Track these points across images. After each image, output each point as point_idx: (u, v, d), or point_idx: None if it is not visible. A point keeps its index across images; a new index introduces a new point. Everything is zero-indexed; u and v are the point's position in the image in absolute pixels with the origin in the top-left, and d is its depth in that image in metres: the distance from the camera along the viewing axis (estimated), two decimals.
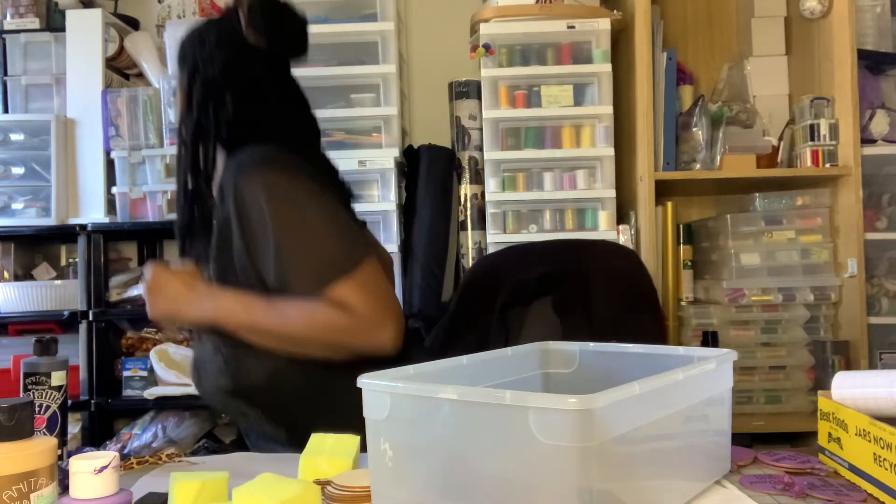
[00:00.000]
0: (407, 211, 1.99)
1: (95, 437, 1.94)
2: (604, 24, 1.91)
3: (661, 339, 1.26)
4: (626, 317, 1.23)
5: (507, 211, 1.92)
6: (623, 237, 1.89)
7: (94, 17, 2.01)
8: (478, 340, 1.14)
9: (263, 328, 1.04)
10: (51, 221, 1.97)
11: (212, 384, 1.12)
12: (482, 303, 1.34)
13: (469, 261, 1.98)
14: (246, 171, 1.04)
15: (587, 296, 1.26)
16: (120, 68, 2.13)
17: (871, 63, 2.00)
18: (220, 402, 1.17)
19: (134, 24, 2.21)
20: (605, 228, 1.89)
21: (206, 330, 1.12)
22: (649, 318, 1.25)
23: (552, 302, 1.30)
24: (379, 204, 1.92)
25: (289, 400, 1.09)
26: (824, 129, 1.88)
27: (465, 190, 2.00)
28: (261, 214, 1.02)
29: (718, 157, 1.91)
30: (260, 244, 1.03)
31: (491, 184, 1.91)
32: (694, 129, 1.92)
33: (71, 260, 2.23)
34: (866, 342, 1.85)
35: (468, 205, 2.00)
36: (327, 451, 0.84)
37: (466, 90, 2.01)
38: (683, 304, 2.00)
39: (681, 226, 2.06)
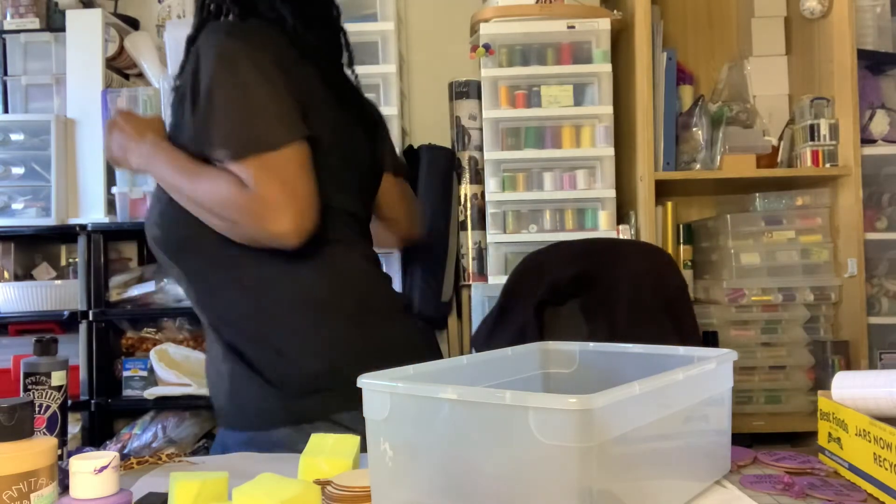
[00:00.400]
0: None
1: (95, 437, 1.94)
2: (604, 24, 1.91)
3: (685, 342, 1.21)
4: (645, 323, 1.22)
5: (507, 211, 1.92)
6: (623, 237, 1.89)
7: (94, 17, 2.01)
8: (515, 336, 1.13)
9: (182, 191, 1.04)
10: (51, 221, 1.97)
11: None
12: (523, 298, 1.34)
13: (469, 261, 1.99)
14: (210, 37, 1.05)
15: (611, 300, 1.26)
16: (120, 68, 2.13)
17: (871, 63, 2.00)
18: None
19: (134, 24, 2.20)
20: (605, 228, 1.89)
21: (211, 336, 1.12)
22: (671, 325, 1.23)
23: (580, 304, 1.30)
24: None
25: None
26: (824, 129, 1.88)
27: (465, 190, 2.00)
28: (206, 79, 1.02)
29: (718, 157, 1.91)
30: (196, 107, 1.03)
31: (491, 184, 1.91)
32: (694, 129, 1.92)
33: (71, 260, 2.23)
34: (866, 342, 1.85)
35: (468, 205, 2.00)
36: (327, 451, 0.84)
37: (466, 90, 2.01)
38: None
39: (681, 226, 2.06)
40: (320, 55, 1.16)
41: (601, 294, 1.27)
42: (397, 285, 1.91)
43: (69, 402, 1.01)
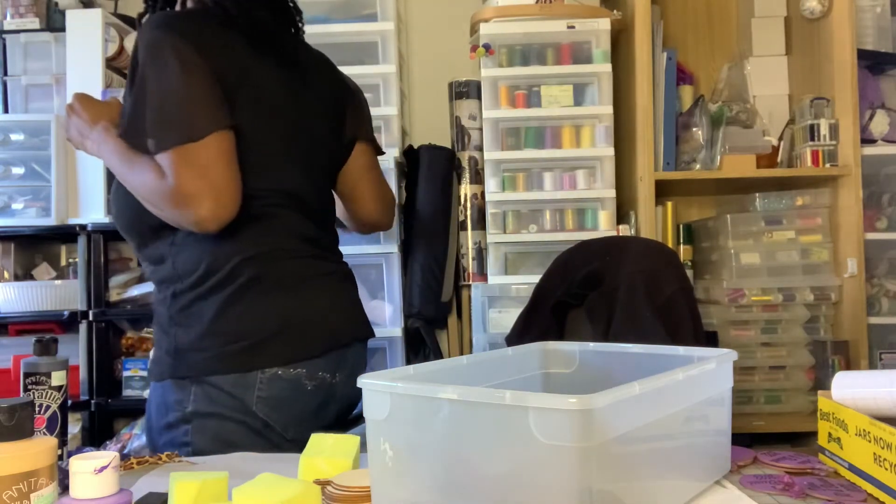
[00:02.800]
0: (407, 211, 1.99)
1: (95, 437, 1.94)
2: (604, 24, 1.91)
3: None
4: (637, 324, 1.22)
5: (507, 211, 1.92)
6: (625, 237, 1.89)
7: (94, 17, 2.01)
8: (540, 337, 1.14)
9: (123, 178, 1.11)
10: (51, 221, 1.97)
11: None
12: (547, 297, 1.34)
13: (469, 261, 1.99)
14: (143, 29, 1.10)
15: (611, 300, 1.25)
16: (120, 68, 2.13)
17: (871, 63, 2.00)
18: None
19: (134, 24, 2.20)
20: (605, 228, 1.89)
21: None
22: (662, 326, 1.23)
23: (585, 305, 1.30)
24: None
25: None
26: (824, 129, 1.88)
27: (465, 190, 2.00)
28: (137, 71, 1.07)
29: (718, 157, 1.91)
30: (128, 99, 1.09)
31: (491, 184, 1.91)
32: (694, 129, 1.92)
33: (71, 260, 2.23)
34: (866, 342, 1.85)
35: (468, 205, 2.00)
36: (327, 451, 0.85)
37: (466, 90, 2.01)
38: None
39: (681, 226, 2.06)
40: (263, 34, 1.18)
41: (603, 294, 1.27)
42: (397, 285, 1.91)
43: (69, 402, 1.01)
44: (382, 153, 1.45)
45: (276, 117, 1.17)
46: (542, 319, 1.32)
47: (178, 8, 1.23)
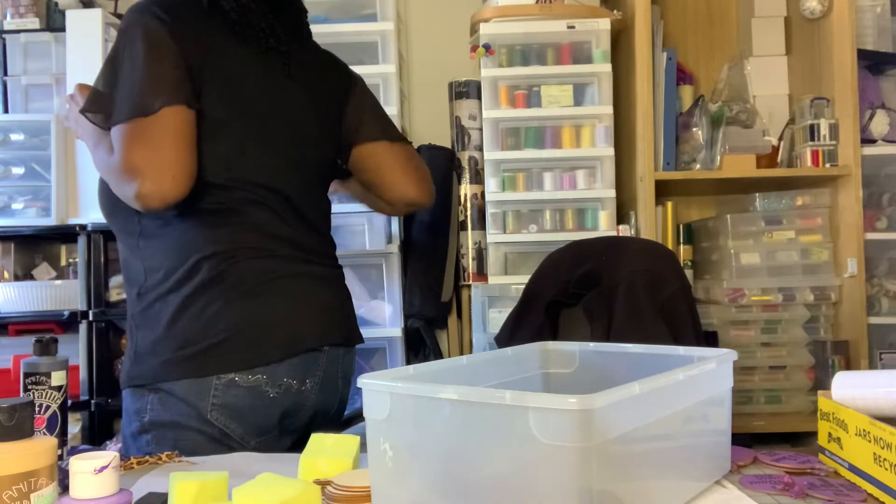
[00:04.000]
0: None
1: (95, 437, 1.94)
2: (604, 24, 1.91)
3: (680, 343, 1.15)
4: (638, 323, 1.21)
5: (507, 211, 1.92)
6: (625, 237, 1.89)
7: (94, 17, 2.01)
8: (532, 337, 1.13)
9: (93, 157, 1.12)
10: (51, 221, 1.97)
11: None
12: (539, 297, 1.34)
13: (469, 261, 1.99)
14: (125, 14, 1.10)
15: (610, 300, 1.25)
16: None
17: (871, 63, 2.00)
18: None
19: None
20: (605, 228, 1.89)
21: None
22: (665, 326, 1.22)
23: (583, 304, 1.30)
24: None
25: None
26: (824, 129, 1.88)
27: (465, 190, 2.00)
28: (111, 52, 1.09)
29: (718, 157, 1.91)
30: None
31: (491, 184, 1.91)
32: (694, 129, 1.92)
33: (71, 260, 2.23)
34: (866, 342, 1.85)
35: (468, 205, 2.00)
36: (327, 451, 0.85)
37: (466, 90, 2.01)
38: None
39: (681, 226, 2.06)
40: (250, 26, 1.16)
41: (602, 293, 1.27)
42: (397, 285, 1.91)
43: (69, 402, 1.01)
44: (407, 142, 1.39)
45: (253, 107, 1.14)
46: (534, 319, 1.32)
47: None
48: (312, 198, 1.23)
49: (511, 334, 1.34)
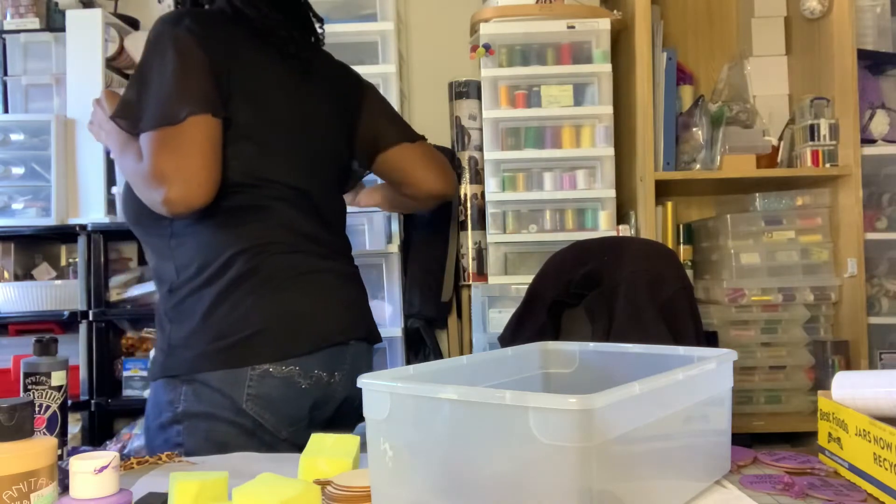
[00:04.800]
0: None
1: (95, 437, 1.94)
2: (604, 24, 1.91)
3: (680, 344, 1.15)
4: (639, 323, 1.21)
5: (507, 211, 1.92)
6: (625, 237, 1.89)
7: (94, 17, 2.01)
8: (534, 337, 1.14)
9: (118, 164, 1.17)
10: (51, 221, 1.97)
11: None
12: (542, 297, 1.34)
13: (469, 261, 1.99)
14: (154, 24, 1.13)
15: (611, 300, 1.25)
16: (120, 68, 2.13)
17: (871, 63, 2.00)
18: None
19: (134, 24, 2.20)
20: (605, 228, 1.89)
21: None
22: (665, 326, 1.23)
23: (584, 304, 1.30)
24: None
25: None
26: (824, 129, 1.88)
27: (465, 190, 2.00)
28: (139, 62, 1.12)
29: (718, 157, 1.91)
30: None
31: (491, 184, 1.91)
32: (694, 129, 1.92)
33: (71, 260, 2.23)
34: (866, 342, 1.85)
35: (468, 205, 2.00)
36: (327, 451, 0.85)
37: (466, 90, 2.01)
38: None
39: (681, 226, 2.06)
40: (273, 34, 1.21)
41: (603, 294, 1.27)
42: (397, 285, 1.91)
43: (69, 402, 1.01)
44: (423, 139, 1.44)
45: (277, 111, 1.19)
46: (536, 319, 1.32)
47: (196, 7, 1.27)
48: (331, 197, 1.28)
49: (514, 334, 1.34)
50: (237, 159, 1.12)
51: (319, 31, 1.36)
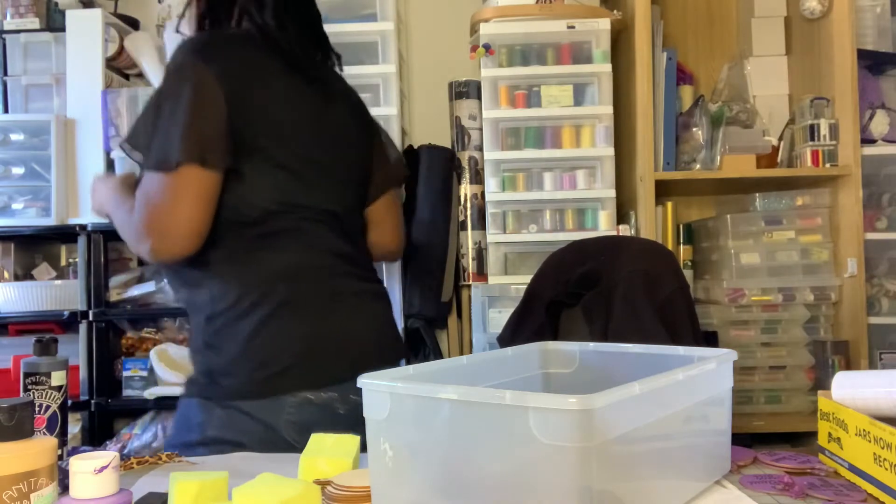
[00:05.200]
0: (407, 211, 1.98)
1: (95, 437, 1.94)
2: (604, 24, 1.91)
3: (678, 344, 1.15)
4: (637, 323, 1.21)
5: (507, 211, 1.92)
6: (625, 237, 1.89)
7: (94, 17, 2.01)
8: (533, 337, 1.14)
9: (114, 219, 1.18)
10: (51, 221, 1.97)
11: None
12: (540, 297, 1.34)
13: (469, 261, 1.99)
14: (176, 49, 1.12)
15: (609, 299, 1.25)
16: (120, 68, 2.13)
17: (871, 63, 2.00)
18: None
19: (134, 24, 2.20)
20: (605, 228, 1.89)
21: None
22: (664, 326, 1.23)
23: (581, 305, 1.30)
24: None
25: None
26: (824, 129, 1.88)
27: (465, 190, 2.00)
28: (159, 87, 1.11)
29: (718, 157, 1.91)
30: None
31: (491, 184, 1.91)
32: (694, 129, 1.92)
33: (71, 260, 2.23)
34: (866, 342, 1.85)
35: (468, 205, 2.00)
36: (327, 451, 0.85)
37: (466, 90, 2.01)
38: None
39: (681, 226, 2.06)
40: (299, 59, 1.21)
41: (601, 293, 1.27)
42: (397, 285, 1.91)
43: (69, 402, 1.01)
44: (409, 174, 1.47)
45: (304, 135, 1.19)
46: (535, 319, 1.32)
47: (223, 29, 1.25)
48: (356, 217, 1.30)
49: (513, 334, 1.34)
50: (270, 188, 1.12)
51: (337, 61, 1.37)
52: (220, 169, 1.08)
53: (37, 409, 0.93)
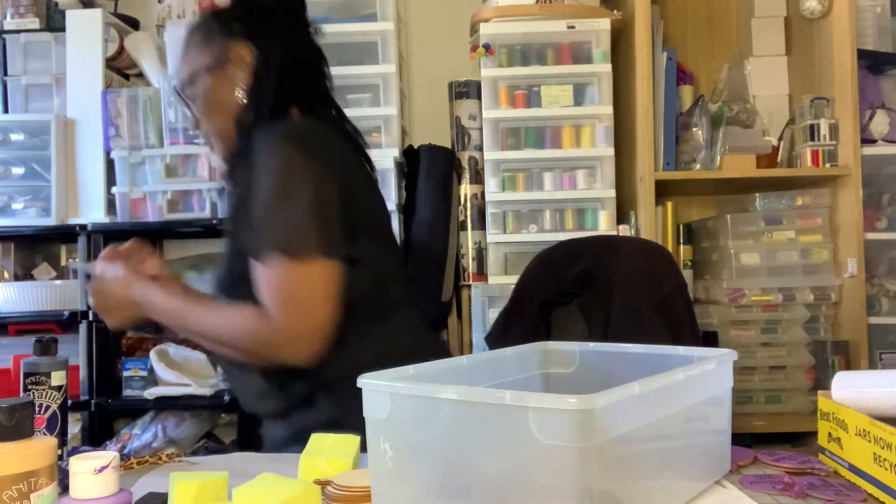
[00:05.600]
0: (407, 211, 1.99)
1: (95, 437, 1.94)
2: (604, 24, 1.91)
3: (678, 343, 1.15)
4: (637, 323, 1.21)
5: (507, 211, 1.92)
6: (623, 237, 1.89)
7: (94, 17, 2.01)
8: (524, 336, 1.14)
9: (192, 330, 1.08)
10: (51, 221, 1.97)
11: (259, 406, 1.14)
12: (531, 297, 1.34)
13: (469, 261, 1.99)
14: (267, 141, 1.05)
15: (607, 299, 1.25)
16: (120, 68, 2.13)
17: (871, 63, 2.00)
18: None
19: (134, 24, 2.20)
20: (605, 228, 1.89)
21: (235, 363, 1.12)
22: (664, 325, 1.22)
23: (579, 303, 1.30)
24: None
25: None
26: (824, 129, 1.88)
27: (465, 190, 2.00)
28: (263, 186, 1.02)
29: (718, 157, 1.91)
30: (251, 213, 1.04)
31: (491, 184, 1.91)
32: (694, 129, 1.92)
33: (71, 260, 2.23)
34: (866, 342, 1.85)
35: (468, 205, 2.00)
36: (327, 451, 0.84)
37: (466, 90, 2.01)
38: None
39: (681, 226, 2.06)
40: (361, 144, 1.21)
41: (598, 293, 1.27)
42: None
43: (69, 402, 1.01)
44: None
45: (384, 214, 1.20)
46: (526, 319, 1.32)
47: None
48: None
49: (503, 334, 1.34)
50: (374, 266, 1.09)
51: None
52: (342, 257, 1.04)
53: (37, 409, 0.93)
